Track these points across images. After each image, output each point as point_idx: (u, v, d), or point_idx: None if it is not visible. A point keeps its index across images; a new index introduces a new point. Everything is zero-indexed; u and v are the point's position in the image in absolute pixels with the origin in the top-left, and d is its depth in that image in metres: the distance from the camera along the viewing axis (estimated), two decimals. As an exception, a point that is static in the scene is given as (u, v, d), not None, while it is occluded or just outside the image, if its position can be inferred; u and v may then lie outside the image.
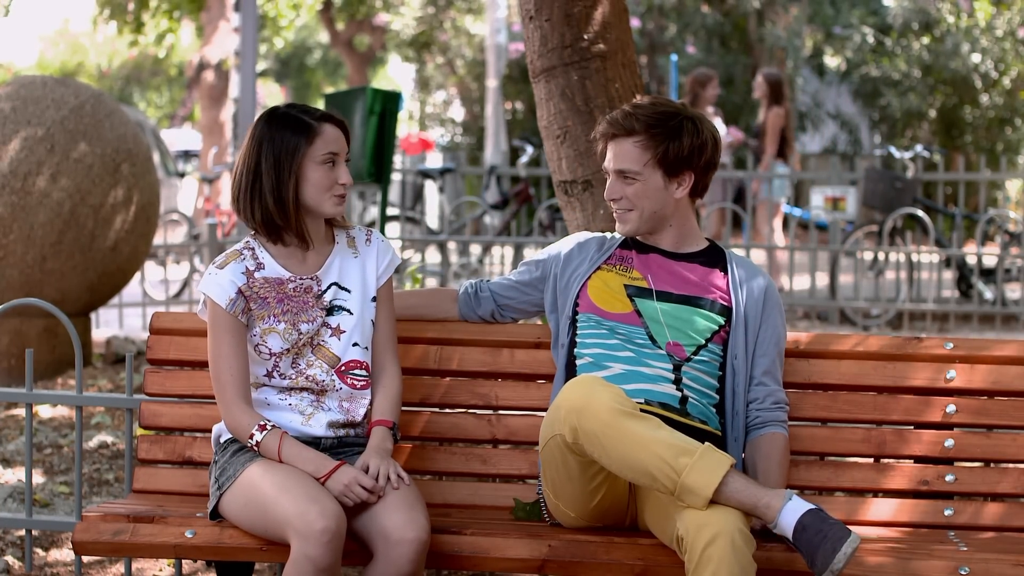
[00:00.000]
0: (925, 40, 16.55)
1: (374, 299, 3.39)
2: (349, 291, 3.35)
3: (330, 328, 3.32)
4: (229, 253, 3.33)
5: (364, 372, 3.35)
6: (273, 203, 3.24)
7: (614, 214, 3.45)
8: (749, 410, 3.37)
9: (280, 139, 3.24)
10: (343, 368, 3.33)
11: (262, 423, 3.22)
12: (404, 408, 3.57)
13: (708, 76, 11.10)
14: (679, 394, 3.30)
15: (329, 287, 3.34)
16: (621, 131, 3.37)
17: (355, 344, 3.34)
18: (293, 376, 3.30)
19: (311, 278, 3.33)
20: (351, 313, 3.34)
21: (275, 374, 3.31)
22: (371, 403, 3.39)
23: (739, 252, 7.35)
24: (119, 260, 6.74)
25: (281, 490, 3.10)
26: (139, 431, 3.89)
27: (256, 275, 3.30)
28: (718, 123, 11.03)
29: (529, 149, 12.64)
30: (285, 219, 3.26)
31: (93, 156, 6.55)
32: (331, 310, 3.33)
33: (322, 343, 3.32)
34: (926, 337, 3.57)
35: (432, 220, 13.72)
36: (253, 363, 3.32)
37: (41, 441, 5.66)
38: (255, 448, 3.23)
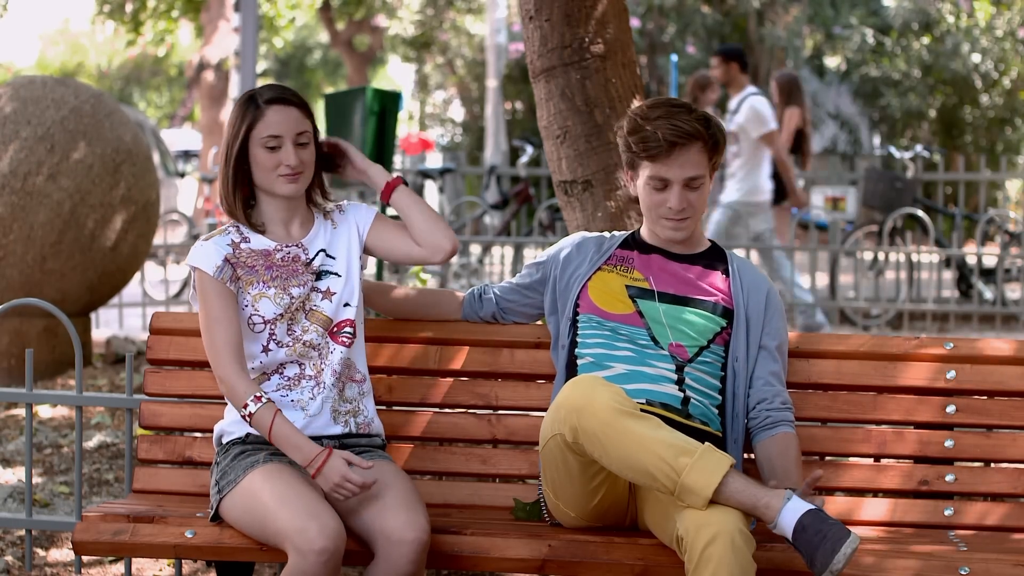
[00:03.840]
0: (925, 40, 16.56)
1: (361, 259, 3.42)
2: (335, 258, 3.39)
3: (320, 292, 3.35)
4: (215, 230, 3.39)
5: (351, 330, 3.37)
6: (230, 186, 3.34)
7: (666, 223, 3.39)
8: (758, 410, 3.36)
9: (233, 123, 3.32)
10: (335, 329, 3.35)
11: (258, 394, 3.21)
12: (404, 408, 3.58)
13: (708, 79, 11.10)
14: (681, 395, 3.30)
15: (317, 254, 3.38)
16: (689, 139, 3.32)
17: (346, 304, 3.37)
18: (290, 343, 3.31)
19: (297, 245, 3.36)
20: (339, 276, 3.37)
21: (271, 344, 3.31)
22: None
23: (739, 252, 7.34)
24: (119, 260, 6.74)
25: (281, 502, 3.09)
26: (139, 431, 3.89)
27: (242, 246, 3.34)
28: None
29: (529, 149, 12.64)
30: (232, 202, 3.34)
31: (93, 156, 6.55)
32: (320, 275, 3.36)
33: (314, 307, 3.34)
34: (926, 337, 3.57)
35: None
36: (248, 340, 3.32)
37: (41, 441, 5.66)
38: (247, 419, 3.22)
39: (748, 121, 8.89)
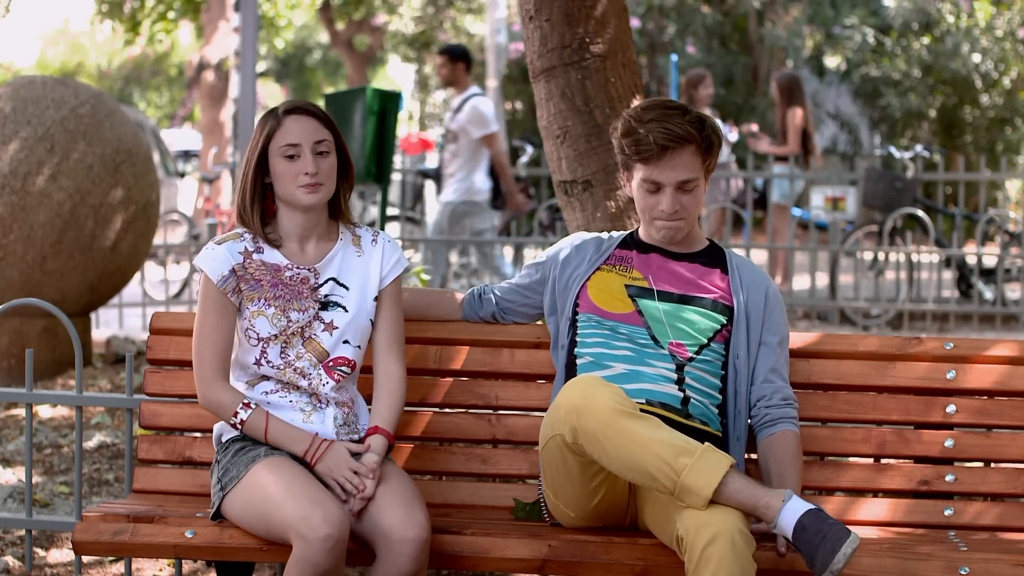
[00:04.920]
0: (925, 40, 16.55)
1: (376, 299, 3.38)
2: (347, 288, 3.35)
3: (323, 323, 3.32)
4: (231, 233, 3.36)
5: (348, 369, 3.35)
6: (245, 198, 3.31)
7: (657, 224, 3.39)
8: (757, 408, 3.37)
9: (253, 134, 3.31)
10: (330, 363, 3.33)
11: (245, 401, 3.23)
12: (404, 408, 3.57)
13: (700, 76, 11.12)
14: (681, 394, 3.30)
15: (326, 281, 3.34)
16: (679, 142, 3.31)
17: (346, 342, 3.34)
18: (281, 365, 3.30)
19: (309, 269, 3.33)
20: (346, 310, 3.34)
21: (263, 361, 3.31)
22: (370, 404, 3.38)
23: (739, 252, 7.35)
24: (119, 260, 6.74)
25: (285, 492, 3.09)
26: (139, 431, 3.89)
27: (254, 256, 3.31)
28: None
29: (529, 149, 12.63)
30: (248, 215, 3.31)
31: (93, 156, 6.55)
32: (326, 305, 3.33)
33: (313, 336, 3.32)
34: (926, 337, 3.57)
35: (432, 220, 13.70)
36: (244, 350, 3.33)
37: (41, 441, 5.66)
38: (239, 427, 3.23)
39: (470, 122, 8.94)
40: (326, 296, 3.33)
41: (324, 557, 3.01)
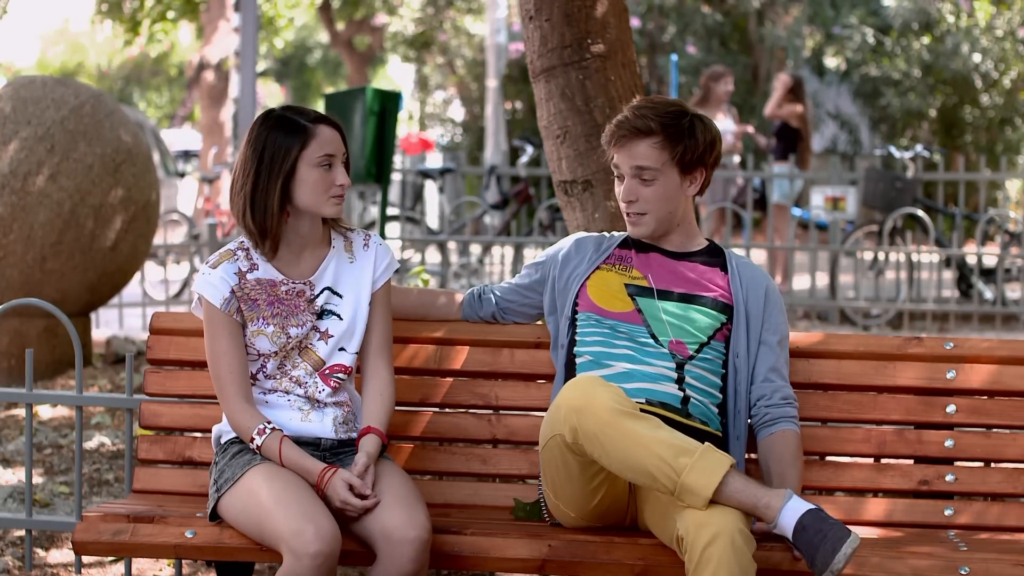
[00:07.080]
0: (925, 40, 16.56)
1: (369, 304, 3.38)
2: (341, 296, 3.35)
3: (319, 332, 3.32)
4: (222, 252, 3.33)
5: (345, 375, 3.35)
6: (264, 206, 3.23)
7: (627, 218, 3.42)
8: (757, 407, 3.37)
9: (275, 142, 3.22)
10: (326, 371, 3.33)
11: (262, 426, 3.22)
12: (404, 408, 3.57)
13: (721, 73, 11.15)
14: (681, 394, 3.30)
15: (322, 291, 3.33)
16: (635, 133, 3.34)
17: (341, 349, 3.33)
18: (278, 376, 3.31)
19: (304, 283, 3.32)
20: (341, 319, 3.33)
21: (260, 375, 3.32)
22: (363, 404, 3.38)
23: (739, 252, 7.36)
24: (119, 260, 6.74)
25: (278, 503, 3.09)
26: (139, 431, 3.89)
27: (248, 276, 3.29)
28: (728, 122, 11.08)
29: (529, 149, 12.64)
30: (269, 222, 3.24)
31: (93, 156, 6.55)
32: (321, 314, 3.33)
33: (310, 346, 3.32)
34: (926, 337, 3.57)
35: (432, 220, 13.72)
36: None
37: (41, 441, 5.66)
38: (257, 451, 3.24)
39: None
40: (322, 306, 3.33)
41: (313, 574, 3.01)
